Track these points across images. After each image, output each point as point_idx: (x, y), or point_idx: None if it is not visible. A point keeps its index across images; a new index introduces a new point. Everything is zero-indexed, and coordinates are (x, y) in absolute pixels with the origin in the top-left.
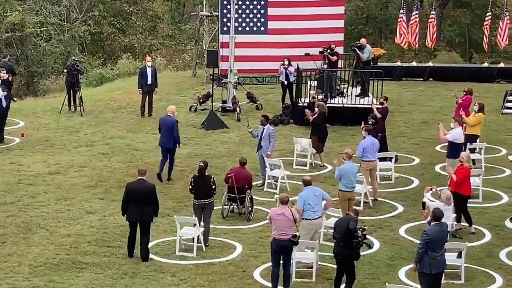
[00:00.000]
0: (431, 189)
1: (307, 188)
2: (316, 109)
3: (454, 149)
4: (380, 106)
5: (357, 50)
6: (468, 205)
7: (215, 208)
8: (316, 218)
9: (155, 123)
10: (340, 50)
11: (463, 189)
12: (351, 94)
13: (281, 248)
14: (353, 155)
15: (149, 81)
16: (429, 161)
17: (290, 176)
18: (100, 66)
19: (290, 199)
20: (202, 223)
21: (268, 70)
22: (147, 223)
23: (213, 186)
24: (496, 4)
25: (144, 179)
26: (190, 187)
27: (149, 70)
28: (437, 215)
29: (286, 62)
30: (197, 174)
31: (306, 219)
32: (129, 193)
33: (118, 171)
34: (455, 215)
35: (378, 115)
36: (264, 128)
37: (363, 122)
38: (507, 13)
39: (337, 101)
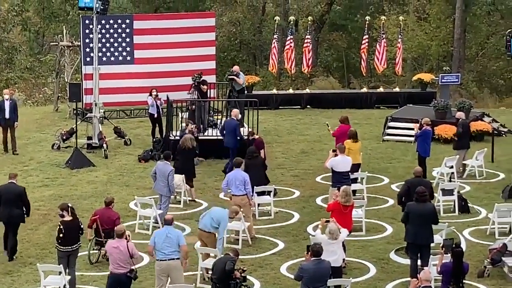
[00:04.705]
0: (327, 221)
1: (165, 227)
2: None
3: (333, 178)
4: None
5: (235, 78)
6: (350, 238)
7: (82, 253)
8: (165, 260)
9: (21, 162)
10: (212, 78)
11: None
12: None
13: (117, 282)
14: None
15: (7, 115)
16: (309, 193)
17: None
18: None
19: None
20: (67, 271)
21: (136, 103)
22: (15, 224)
23: (82, 227)
24: (373, 26)
25: (15, 182)
26: (61, 234)
27: (7, 104)
28: (315, 251)
29: (154, 93)
30: (67, 219)
31: (156, 259)
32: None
33: None
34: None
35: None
36: None
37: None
38: (384, 36)
39: (210, 133)
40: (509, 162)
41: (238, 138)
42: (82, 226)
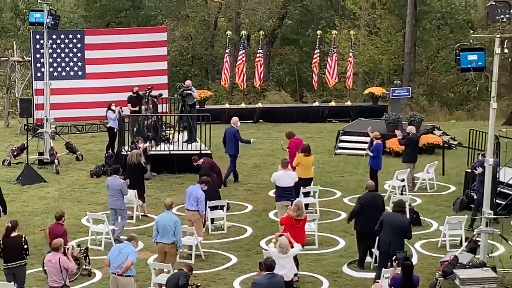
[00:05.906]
0: (280, 235)
1: (124, 243)
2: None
3: (276, 192)
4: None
5: (192, 93)
6: (303, 252)
7: (35, 270)
8: (115, 274)
9: None
10: (164, 93)
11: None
12: (178, 140)
13: None
14: (173, 205)
15: None
16: (262, 207)
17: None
18: None
19: None
20: None
21: (87, 118)
22: None
23: (25, 247)
24: (325, 41)
25: None
26: None
27: None
28: (268, 264)
29: (117, 107)
30: (7, 236)
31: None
32: None
33: None
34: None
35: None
36: None
37: None
38: (335, 50)
39: (162, 148)
40: (459, 174)
41: (239, 142)
42: (26, 246)
